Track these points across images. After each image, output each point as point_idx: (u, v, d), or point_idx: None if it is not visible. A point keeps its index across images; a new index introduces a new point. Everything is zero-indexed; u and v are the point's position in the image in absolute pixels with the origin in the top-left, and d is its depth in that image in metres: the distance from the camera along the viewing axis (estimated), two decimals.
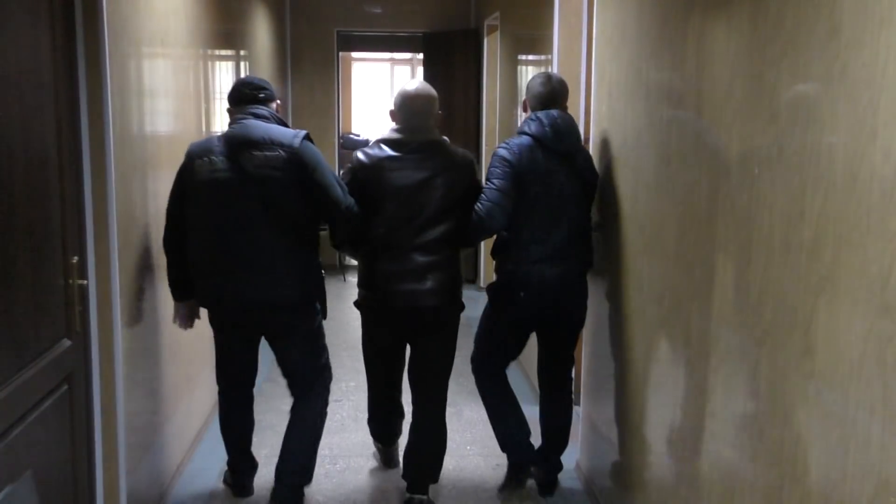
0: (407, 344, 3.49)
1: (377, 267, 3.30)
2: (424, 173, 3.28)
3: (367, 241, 3.32)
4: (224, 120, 4.89)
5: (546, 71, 3.64)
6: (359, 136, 12.00)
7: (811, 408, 1.65)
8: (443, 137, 3.43)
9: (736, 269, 2.03)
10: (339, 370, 5.08)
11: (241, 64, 5.54)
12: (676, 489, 2.46)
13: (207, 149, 3.17)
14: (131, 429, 2.95)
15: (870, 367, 1.45)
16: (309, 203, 3.17)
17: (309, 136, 3.25)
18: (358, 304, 3.42)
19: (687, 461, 2.38)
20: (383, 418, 3.78)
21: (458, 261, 3.41)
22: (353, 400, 4.72)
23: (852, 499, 1.50)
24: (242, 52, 5.59)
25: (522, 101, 3.58)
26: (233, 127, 3.20)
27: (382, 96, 13.12)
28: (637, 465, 2.93)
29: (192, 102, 4.01)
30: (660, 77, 2.68)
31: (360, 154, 3.37)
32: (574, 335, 3.53)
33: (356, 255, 3.44)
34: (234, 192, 3.10)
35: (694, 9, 2.35)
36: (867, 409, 1.45)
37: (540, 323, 3.49)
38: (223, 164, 3.12)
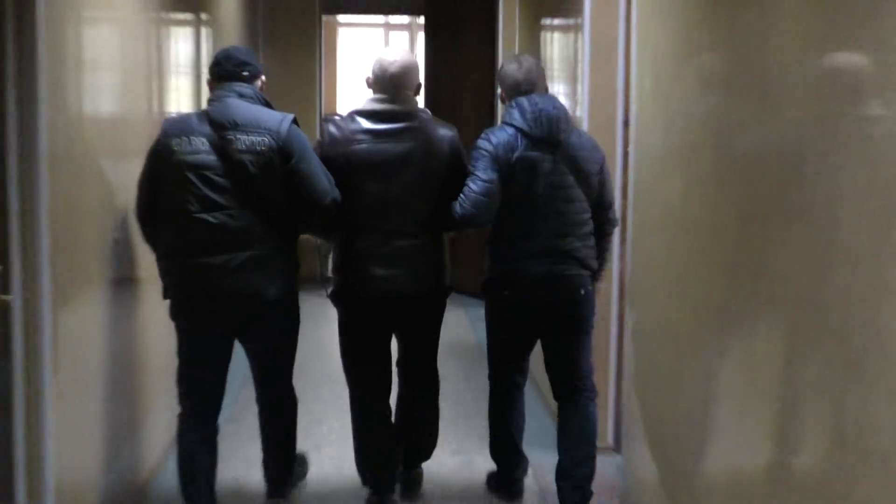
0: (390, 342, 3.83)
1: (352, 251, 3.63)
2: (403, 148, 3.58)
3: (341, 223, 3.62)
4: (183, 96, 4.92)
5: (514, 54, 3.97)
6: (337, 120, 12.02)
7: None
8: (424, 110, 3.72)
9: (813, 283, 2.01)
10: (318, 407, 5.07)
11: (203, 30, 5.54)
12: None
13: (186, 128, 3.46)
14: (61, 486, 2.91)
15: None
16: (291, 192, 3.47)
17: (296, 120, 3.55)
18: (333, 295, 3.76)
19: None
20: (373, 446, 3.83)
21: (441, 245, 3.75)
22: (335, 445, 4.63)
23: None
24: (204, 16, 5.60)
25: (499, 94, 3.91)
26: (214, 106, 3.49)
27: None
28: None
29: (143, 77, 4.01)
30: (716, 45, 2.67)
31: (331, 126, 3.65)
32: (578, 342, 3.79)
33: (329, 239, 3.77)
34: (213, 177, 3.39)
35: None
36: None
37: (537, 327, 3.82)
38: (203, 145, 3.41)
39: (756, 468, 2.35)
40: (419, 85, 3.74)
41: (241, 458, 4.37)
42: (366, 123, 3.61)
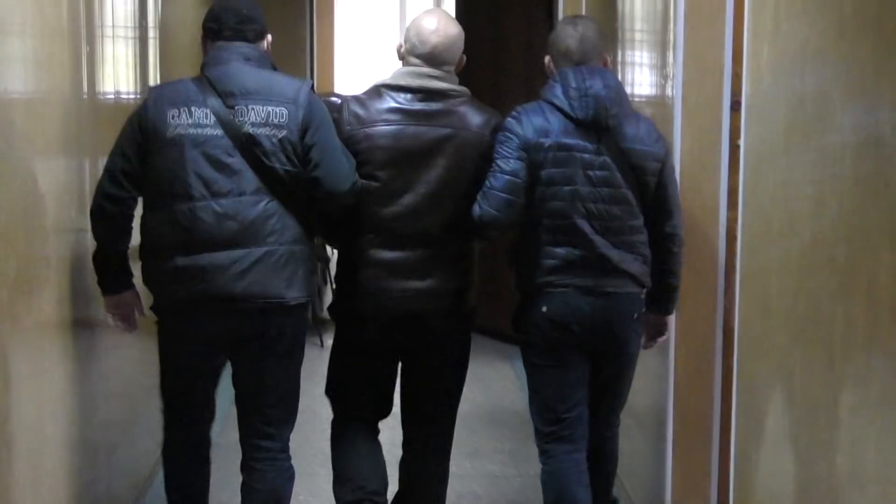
0: (396, 370, 4.21)
1: (361, 258, 3.99)
2: (438, 133, 3.95)
3: (353, 220, 3.99)
4: (122, 69, 4.91)
5: (572, 16, 4.39)
6: (359, 94, 12.08)
7: None
8: (465, 89, 4.09)
9: None
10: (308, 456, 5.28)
11: None
12: None
13: (184, 97, 3.79)
14: None
15: None
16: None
17: (313, 87, 3.95)
18: (332, 308, 4.19)
19: None
20: (356, 477, 4.18)
21: (470, 256, 4.14)
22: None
23: None
24: None
25: (546, 63, 4.23)
26: (215, 70, 3.83)
27: (386, 41, 12.98)
28: None
29: (65, 44, 4.01)
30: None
31: (353, 104, 4.03)
32: (622, 375, 4.23)
33: (335, 242, 4.22)
34: (221, 156, 3.75)
35: None
36: None
37: (585, 353, 4.12)
38: (207, 117, 3.75)
39: None
40: (463, 59, 4.09)
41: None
42: (396, 101, 3.98)
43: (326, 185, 3.85)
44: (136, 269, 4.07)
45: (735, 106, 3.99)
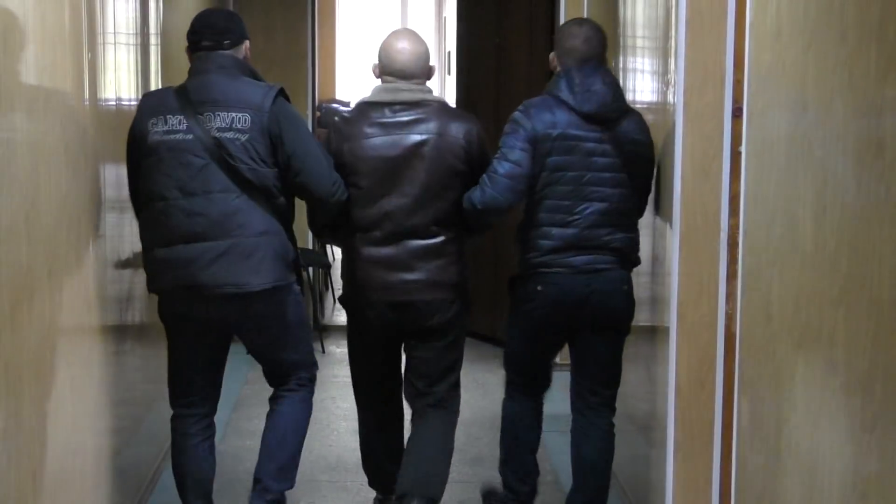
0: (401, 362, 4.77)
1: (359, 254, 4.49)
2: (411, 140, 4.42)
3: (347, 221, 4.47)
4: (124, 76, 4.93)
5: (578, 18, 4.83)
6: (348, 106, 12.07)
7: None
8: (438, 97, 4.62)
9: None
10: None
11: None
12: None
13: (162, 106, 4.24)
14: None
15: None
16: (280, 174, 4.28)
17: (284, 91, 4.32)
18: (342, 300, 4.68)
19: None
20: (380, 459, 4.82)
21: (460, 247, 4.59)
22: None
23: None
24: None
25: (551, 60, 4.65)
26: (192, 81, 4.28)
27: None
28: None
29: (67, 51, 4.00)
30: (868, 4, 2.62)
31: (338, 118, 4.64)
32: (614, 347, 4.64)
33: (337, 241, 4.72)
34: (191, 158, 4.16)
35: None
36: None
37: (570, 328, 4.58)
38: (181, 124, 4.18)
39: None
40: (431, 69, 4.60)
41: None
42: (374, 114, 4.45)
43: (310, 190, 4.33)
44: None
45: (737, 112, 3.99)
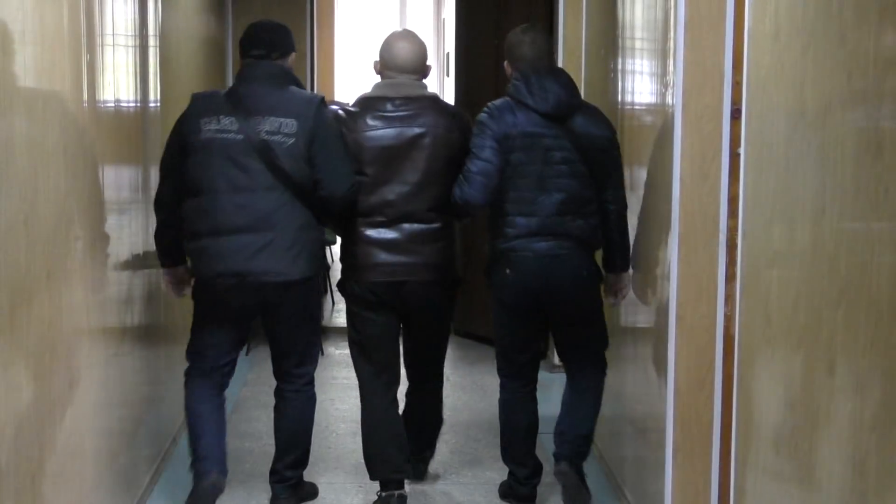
0: (399, 333, 5.11)
1: (360, 238, 4.83)
2: (411, 132, 4.80)
3: (352, 210, 4.82)
4: (125, 78, 4.94)
5: (524, 26, 5.07)
6: (348, 107, 12.05)
7: None
8: (433, 93, 5.04)
9: None
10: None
11: None
12: None
13: (215, 107, 4.67)
14: None
15: None
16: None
17: (325, 100, 4.82)
18: (341, 285, 5.01)
19: None
20: (379, 436, 5.01)
21: (452, 231, 4.97)
22: None
23: None
24: None
25: (505, 66, 5.02)
26: (243, 87, 4.74)
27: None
28: None
29: (66, 52, 4.00)
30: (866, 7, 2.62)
31: (341, 112, 4.90)
32: (584, 325, 5.00)
33: (338, 226, 4.97)
34: (240, 157, 4.59)
35: None
36: None
37: (542, 310, 4.94)
38: (232, 125, 4.61)
39: None
40: (428, 68, 5.00)
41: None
42: (377, 107, 4.83)
43: (327, 187, 4.69)
44: None
45: (735, 114, 4.00)
